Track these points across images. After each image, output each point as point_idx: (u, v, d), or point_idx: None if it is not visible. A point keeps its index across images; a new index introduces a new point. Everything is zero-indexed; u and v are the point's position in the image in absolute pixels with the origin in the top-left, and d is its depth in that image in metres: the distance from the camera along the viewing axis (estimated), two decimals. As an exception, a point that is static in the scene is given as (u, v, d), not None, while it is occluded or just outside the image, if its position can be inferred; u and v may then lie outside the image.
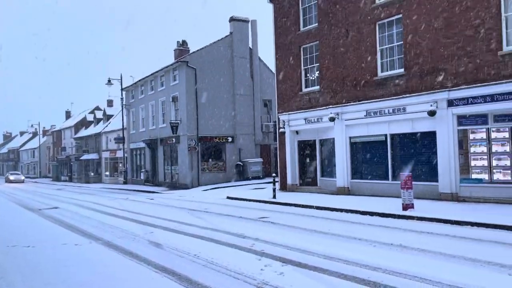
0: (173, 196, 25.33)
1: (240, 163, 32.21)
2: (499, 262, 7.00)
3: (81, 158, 55.22)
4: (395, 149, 17.19)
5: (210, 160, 32.03)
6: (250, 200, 19.39)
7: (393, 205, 13.80)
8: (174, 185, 32.56)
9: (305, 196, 18.66)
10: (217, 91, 31.98)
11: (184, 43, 36.24)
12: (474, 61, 14.19)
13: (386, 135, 17.36)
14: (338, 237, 9.91)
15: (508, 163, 13.90)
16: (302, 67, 21.37)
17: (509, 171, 13.87)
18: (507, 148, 13.90)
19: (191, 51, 33.66)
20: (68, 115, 75.51)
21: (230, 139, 32.28)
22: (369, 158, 18.21)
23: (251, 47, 33.93)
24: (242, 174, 32.06)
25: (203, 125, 31.21)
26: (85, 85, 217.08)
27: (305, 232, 10.69)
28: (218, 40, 32.72)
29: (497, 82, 13.44)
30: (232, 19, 33.32)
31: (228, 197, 21.25)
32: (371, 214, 13.26)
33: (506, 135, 13.94)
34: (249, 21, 33.91)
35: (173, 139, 32.10)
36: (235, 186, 28.38)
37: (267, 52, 51.56)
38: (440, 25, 15.14)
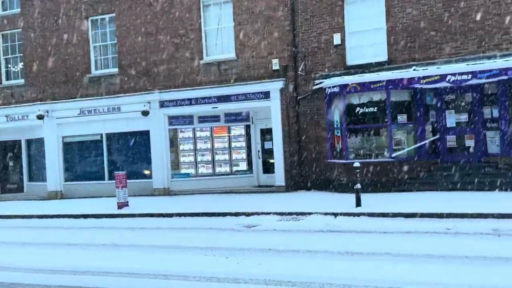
0: None
1: None
2: (198, 245, 7.89)
3: None
4: (112, 148, 17.06)
5: None
6: None
7: (109, 205, 13.61)
8: None
9: (6, 205, 16.11)
10: None
11: None
12: (182, 67, 15.64)
13: (102, 135, 17.00)
14: (42, 246, 8.97)
15: (209, 158, 16.02)
16: (2, 57, 18.42)
17: (211, 165, 16.01)
18: (209, 145, 16.02)
19: None
20: None
21: None
22: (85, 158, 17.41)
23: None
24: None
25: None
26: None
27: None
28: None
29: (199, 87, 15.24)
30: None
31: None
32: (85, 216, 12.67)
33: (208, 133, 16.04)
34: None
35: None
36: None
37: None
38: (152, 30, 15.96)
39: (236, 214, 11.04)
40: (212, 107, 15.23)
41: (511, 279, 5.12)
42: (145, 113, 15.72)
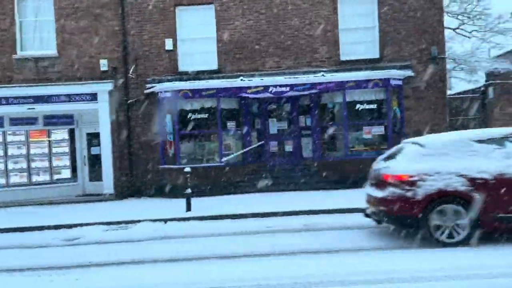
0: None
1: None
2: (5, 266, 6.85)
3: None
4: None
5: None
6: None
7: None
8: None
9: None
10: None
11: None
12: (-11, 60, 13.48)
13: None
14: None
15: (24, 165, 14.12)
16: None
17: (26, 174, 14.14)
18: (24, 151, 14.13)
19: None
20: None
21: None
22: None
23: None
24: None
25: None
26: None
27: None
28: None
29: (12, 85, 13.36)
30: None
31: None
32: None
33: (23, 138, 14.14)
34: None
35: None
36: None
37: None
38: None
39: (56, 227, 9.95)
40: (28, 108, 13.51)
41: (323, 269, 5.71)
42: None
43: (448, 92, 18.83)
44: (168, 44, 13.64)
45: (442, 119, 13.55)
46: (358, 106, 13.37)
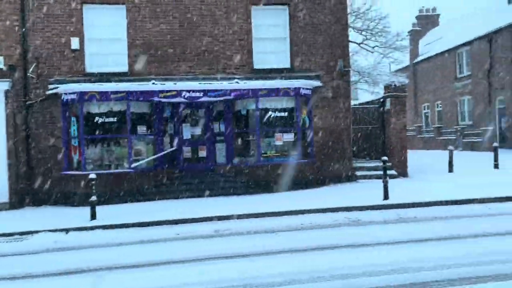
0: None
1: None
2: None
3: None
4: None
5: None
6: None
7: None
8: None
9: None
10: None
11: None
12: None
13: None
14: None
15: None
16: None
17: None
18: None
19: None
20: None
21: None
22: None
23: None
24: None
25: None
26: None
27: None
28: None
29: None
30: None
31: None
32: None
33: None
34: None
35: None
36: None
37: None
38: None
39: None
40: None
41: (230, 273, 5.79)
42: None
43: (354, 102, 20.23)
44: (74, 43, 12.86)
45: (347, 127, 14.44)
46: (270, 113, 13.74)
